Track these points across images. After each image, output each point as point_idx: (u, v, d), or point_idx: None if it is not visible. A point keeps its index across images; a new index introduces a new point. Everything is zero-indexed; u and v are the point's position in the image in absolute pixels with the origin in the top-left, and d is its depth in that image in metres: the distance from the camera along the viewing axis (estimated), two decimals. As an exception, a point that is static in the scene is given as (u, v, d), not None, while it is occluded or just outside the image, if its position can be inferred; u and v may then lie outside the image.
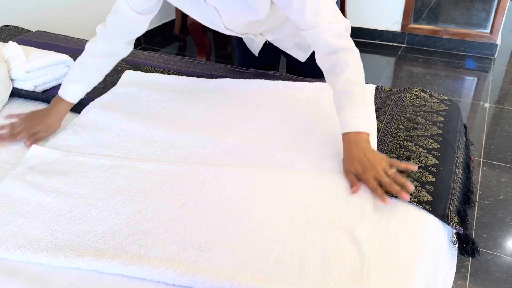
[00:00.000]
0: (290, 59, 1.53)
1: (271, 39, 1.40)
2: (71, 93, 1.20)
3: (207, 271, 0.74)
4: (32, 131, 1.13)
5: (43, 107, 1.28)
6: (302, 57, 1.44)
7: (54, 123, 1.18)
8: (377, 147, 1.09)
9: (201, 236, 0.81)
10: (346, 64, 0.99)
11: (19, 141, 1.13)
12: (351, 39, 1.02)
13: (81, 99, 1.24)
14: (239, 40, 1.56)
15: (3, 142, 1.13)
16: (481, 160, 2.08)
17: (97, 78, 1.25)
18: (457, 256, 1.01)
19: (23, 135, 1.13)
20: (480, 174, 1.98)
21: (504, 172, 1.99)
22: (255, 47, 1.49)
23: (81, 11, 2.76)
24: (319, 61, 1.05)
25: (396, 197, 0.92)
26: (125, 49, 1.25)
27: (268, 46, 1.47)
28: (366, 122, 0.97)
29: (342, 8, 3.46)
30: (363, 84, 1.01)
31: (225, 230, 0.82)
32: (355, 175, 0.93)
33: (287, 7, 1.02)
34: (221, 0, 1.07)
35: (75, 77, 1.21)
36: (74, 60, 1.52)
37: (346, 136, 0.97)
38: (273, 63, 1.62)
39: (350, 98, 0.97)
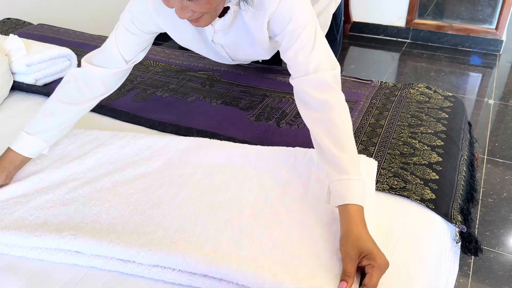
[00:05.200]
0: None
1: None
2: (24, 144, 0.95)
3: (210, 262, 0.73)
4: None
5: (43, 101, 1.27)
6: None
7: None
8: (380, 144, 1.08)
9: (195, 235, 0.80)
10: (331, 124, 0.85)
11: None
12: (336, 89, 0.89)
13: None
14: None
15: None
16: (485, 157, 2.06)
17: (61, 129, 1.01)
18: (460, 254, 1.00)
19: None
20: (483, 171, 1.96)
21: (508, 169, 1.98)
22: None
23: (84, 5, 2.74)
24: (303, 116, 0.92)
25: (399, 194, 0.91)
26: (96, 100, 1.05)
27: None
28: (360, 192, 0.79)
29: (346, 3, 3.44)
30: (349, 141, 0.85)
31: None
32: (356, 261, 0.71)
33: (286, 48, 0.91)
34: (227, 40, 1.03)
35: (34, 127, 0.97)
36: (76, 53, 1.52)
37: (342, 209, 0.78)
38: (275, 60, 1.60)
39: (337, 164, 0.81)
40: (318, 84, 0.88)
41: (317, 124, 0.87)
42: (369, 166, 0.96)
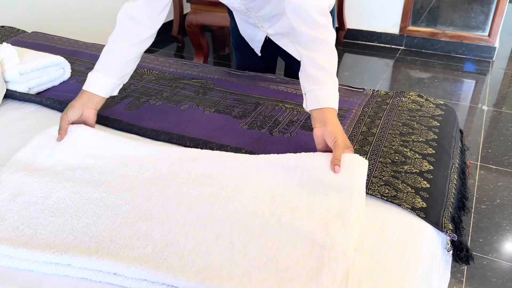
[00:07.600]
0: (288, 63, 1.52)
1: (271, 33, 1.39)
2: (103, 87, 1.12)
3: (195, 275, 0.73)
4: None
5: (36, 109, 1.27)
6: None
7: (89, 118, 1.14)
8: (372, 152, 1.08)
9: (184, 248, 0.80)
10: (326, 42, 1.02)
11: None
12: (330, 18, 1.06)
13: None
14: (237, 44, 1.56)
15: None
16: (478, 164, 2.07)
17: (131, 67, 1.18)
18: (453, 261, 1.00)
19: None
20: (477, 178, 1.97)
21: (501, 176, 1.99)
22: (257, 43, 1.48)
23: (78, 13, 2.75)
24: (298, 32, 1.05)
25: (390, 201, 0.92)
26: (154, 26, 1.17)
27: (266, 48, 1.47)
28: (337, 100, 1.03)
29: (340, 10, 3.46)
30: (336, 61, 1.04)
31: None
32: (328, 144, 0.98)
33: None
34: None
35: (107, 70, 1.12)
36: (70, 62, 1.52)
37: (326, 110, 0.99)
38: (269, 69, 1.61)
39: (326, 75, 1.01)
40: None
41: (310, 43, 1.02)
42: (360, 166, 0.95)
